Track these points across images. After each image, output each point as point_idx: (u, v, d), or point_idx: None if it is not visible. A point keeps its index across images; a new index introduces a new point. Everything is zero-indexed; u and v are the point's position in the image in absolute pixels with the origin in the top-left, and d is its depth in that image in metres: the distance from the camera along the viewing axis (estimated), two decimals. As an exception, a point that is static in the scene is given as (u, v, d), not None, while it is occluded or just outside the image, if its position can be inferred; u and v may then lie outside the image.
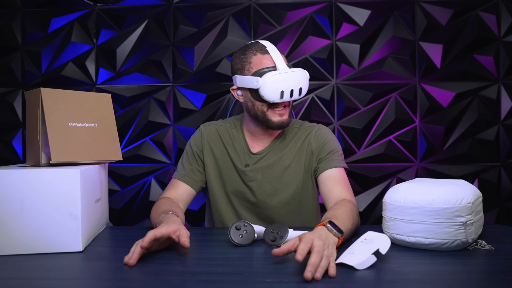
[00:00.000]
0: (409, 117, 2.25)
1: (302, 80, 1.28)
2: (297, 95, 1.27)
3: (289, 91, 1.24)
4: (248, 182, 1.36)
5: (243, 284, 0.80)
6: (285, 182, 1.36)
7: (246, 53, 1.30)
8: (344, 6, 2.26)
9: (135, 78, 2.32)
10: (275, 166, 1.36)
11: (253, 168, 1.36)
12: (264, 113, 1.29)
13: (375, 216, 2.29)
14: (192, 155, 1.41)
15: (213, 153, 1.40)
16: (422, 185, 1.03)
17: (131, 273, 0.87)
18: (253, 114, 1.32)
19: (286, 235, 1.03)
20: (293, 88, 1.25)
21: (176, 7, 2.31)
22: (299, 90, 1.27)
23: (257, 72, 1.25)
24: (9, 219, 0.99)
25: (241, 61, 1.30)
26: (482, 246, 1.01)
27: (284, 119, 1.30)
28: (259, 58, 1.27)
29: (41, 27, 2.33)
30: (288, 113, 1.32)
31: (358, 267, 0.85)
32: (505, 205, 2.25)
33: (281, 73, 1.23)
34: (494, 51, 2.21)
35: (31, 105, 1.14)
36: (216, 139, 1.41)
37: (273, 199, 1.36)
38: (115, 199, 2.34)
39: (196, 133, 1.45)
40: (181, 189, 1.36)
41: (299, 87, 1.26)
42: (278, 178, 1.36)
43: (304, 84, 1.29)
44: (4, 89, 2.35)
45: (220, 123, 1.46)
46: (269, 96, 1.23)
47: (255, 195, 1.36)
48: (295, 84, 1.25)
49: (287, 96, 1.25)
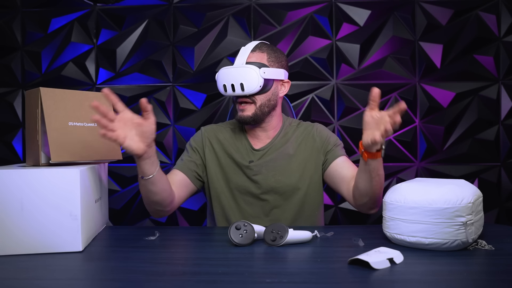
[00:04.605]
0: (409, 117, 2.25)
1: (247, 76, 1.30)
2: (239, 91, 1.31)
3: (229, 85, 1.31)
4: (253, 176, 1.39)
5: (243, 284, 0.80)
6: (288, 174, 1.39)
7: None
8: (344, 6, 2.26)
9: (135, 78, 2.32)
10: (278, 159, 1.40)
11: (257, 163, 1.40)
12: (235, 108, 1.39)
13: (375, 216, 2.29)
14: (191, 150, 1.45)
15: (214, 150, 1.44)
16: (422, 185, 1.02)
17: (131, 273, 0.87)
18: None
19: (286, 235, 1.03)
20: (233, 82, 1.31)
21: (176, 7, 2.31)
22: (241, 86, 1.30)
23: None
24: (9, 219, 0.98)
25: None
26: (482, 246, 1.01)
27: (244, 115, 1.35)
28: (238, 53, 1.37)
29: (41, 27, 2.33)
30: (251, 110, 1.35)
31: (374, 266, 0.85)
32: (505, 205, 2.25)
33: (227, 68, 1.32)
34: (494, 51, 2.21)
35: (30, 105, 1.14)
36: (216, 138, 1.46)
37: (277, 190, 1.39)
38: (115, 199, 2.33)
39: (197, 133, 1.50)
40: (175, 175, 1.40)
41: (239, 82, 1.30)
42: (281, 170, 1.39)
43: (249, 80, 1.30)
44: (4, 89, 2.35)
45: (220, 124, 1.52)
46: (219, 89, 1.35)
47: (260, 188, 1.39)
48: (236, 79, 1.30)
49: (229, 90, 1.32)
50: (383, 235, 1.09)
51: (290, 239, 1.04)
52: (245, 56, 1.33)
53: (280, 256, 0.97)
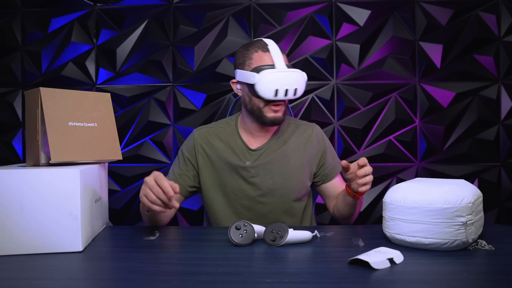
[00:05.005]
0: (409, 117, 2.25)
1: (299, 81, 1.29)
2: (291, 95, 1.29)
3: (283, 90, 1.26)
4: (250, 179, 1.37)
5: (243, 284, 0.80)
6: (286, 177, 1.38)
7: (249, 49, 1.33)
8: (344, 6, 2.26)
9: (135, 78, 2.32)
10: (275, 162, 1.38)
11: (254, 165, 1.37)
12: (260, 109, 1.32)
13: (375, 216, 2.29)
14: (183, 160, 1.42)
15: (207, 155, 1.40)
16: (422, 185, 1.02)
17: (131, 273, 0.87)
18: (250, 108, 1.34)
19: (286, 235, 1.03)
20: (288, 87, 1.27)
21: (176, 7, 2.31)
22: (294, 91, 1.28)
23: (256, 68, 1.27)
24: (9, 219, 0.98)
25: (243, 56, 1.33)
26: (482, 246, 1.00)
27: (278, 116, 1.32)
28: (260, 55, 1.30)
29: (41, 27, 2.33)
30: (283, 111, 1.34)
31: (374, 266, 0.85)
32: (505, 205, 2.25)
33: (278, 72, 1.25)
34: (494, 51, 2.21)
35: (30, 105, 1.14)
36: (209, 142, 1.41)
37: (275, 193, 1.38)
38: (115, 199, 2.33)
39: (189, 138, 1.45)
40: None
41: (294, 87, 1.28)
42: (279, 173, 1.38)
43: (300, 85, 1.30)
44: (4, 89, 2.35)
45: (212, 125, 1.46)
46: (263, 93, 1.26)
47: (257, 190, 1.37)
48: (290, 83, 1.27)
49: (281, 94, 1.27)
50: (383, 235, 1.09)
51: (290, 239, 1.04)
52: (282, 58, 1.30)
53: (280, 256, 0.97)
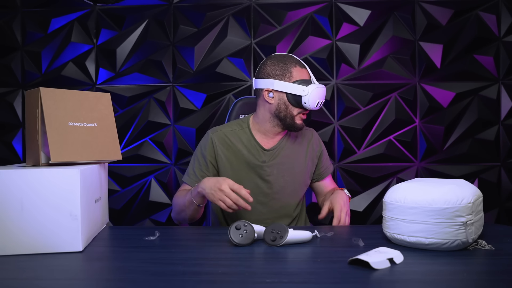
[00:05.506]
0: (409, 117, 2.25)
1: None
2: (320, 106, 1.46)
3: (321, 102, 1.43)
4: (266, 177, 1.49)
5: (243, 284, 0.80)
6: (294, 175, 1.52)
7: (286, 63, 1.43)
8: (344, 6, 2.26)
9: (135, 78, 2.32)
10: (287, 163, 1.51)
11: (269, 164, 1.49)
12: (293, 117, 1.44)
13: (375, 216, 2.29)
14: (204, 163, 1.49)
15: (226, 157, 1.48)
16: (422, 185, 1.02)
17: (131, 273, 0.87)
18: (282, 115, 1.44)
19: (286, 235, 1.03)
20: (323, 100, 1.44)
21: (176, 7, 2.31)
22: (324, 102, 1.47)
23: (299, 81, 1.40)
24: (9, 219, 0.98)
25: (281, 69, 1.42)
26: (482, 246, 1.01)
27: (304, 123, 1.50)
28: (298, 70, 1.43)
29: (41, 27, 2.33)
30: None
31: (374, 266, 0.85)
32: (505, 205, 2.25)
33: (320, 87, 1.41)
34: (494, 51, 2.21)
35: (30, 105, 1.14)
36: (226, 144, 1.49)
37: (285, 190, 1.52)
38: (115, 199, 2.33)
39: (207, 140, 1.51)
40: None
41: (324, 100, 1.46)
42: (288, 172, 1.51)
43: None
44: (4, 89, 2.35)
45: (226, 127, 1.53)
46: (309, 104, 1.40)
47: (271, 187, 1.50)
48: (324, 97, 1.45)
49: (318, 105, 1.43)
50: (383, 235, 1.09)
51: (290, 239, 1.04)
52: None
53: (280, 256, 0.97)
